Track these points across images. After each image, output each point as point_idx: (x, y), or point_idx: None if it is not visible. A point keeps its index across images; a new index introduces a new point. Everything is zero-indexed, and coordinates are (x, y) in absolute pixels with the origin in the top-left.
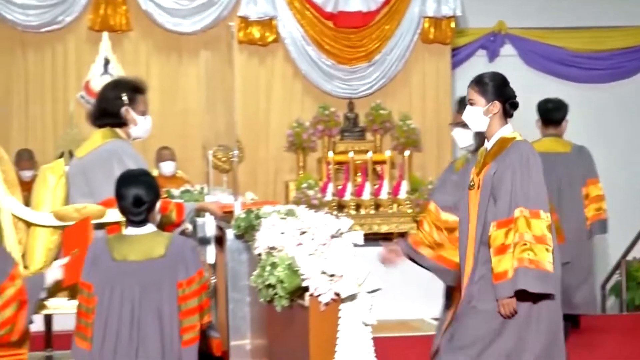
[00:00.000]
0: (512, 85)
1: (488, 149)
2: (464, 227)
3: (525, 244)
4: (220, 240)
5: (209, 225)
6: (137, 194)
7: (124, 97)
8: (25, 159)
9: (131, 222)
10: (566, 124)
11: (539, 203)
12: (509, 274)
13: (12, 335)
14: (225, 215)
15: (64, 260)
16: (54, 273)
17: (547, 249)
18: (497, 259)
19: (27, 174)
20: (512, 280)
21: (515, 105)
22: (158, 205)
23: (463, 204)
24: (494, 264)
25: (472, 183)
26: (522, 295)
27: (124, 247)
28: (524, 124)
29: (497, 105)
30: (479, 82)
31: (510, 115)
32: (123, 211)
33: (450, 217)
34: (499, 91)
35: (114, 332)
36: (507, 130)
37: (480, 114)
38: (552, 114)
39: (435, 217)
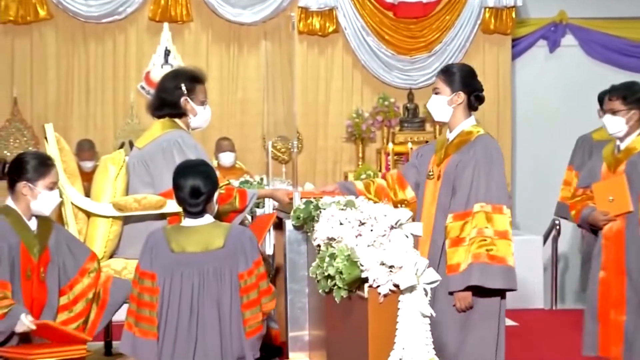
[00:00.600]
0: (572, 75)
1: (449, 139)
2: (418, 217)
3: (484, 240)
4: (279, 231)
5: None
6: (195, 185)
7: (183, 87)
8: (85, 150)
9: (188, 213)
10: None
11: (501, 199)
12: (460, 267)
13: (84, 330)
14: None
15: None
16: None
17: (509, 244)
18: (451, 250)
19: (87, 165)
20: (463, 275)
21: (480, 99)
22: (216, 196)
23: (419, 194)
24: (448, 256)
25: (430, 173)
26: (482, 290)
27: (182, 239)
28: (589, 115)
29: (461, 96)
30: (446, 72)
31: (475, 109)
32: (180, 202)
33: (409, 193)
34: (465, 82)
35: (174, 323)
36: (470, 123)
37: (444, 104)
38: None
39: (392, 185)
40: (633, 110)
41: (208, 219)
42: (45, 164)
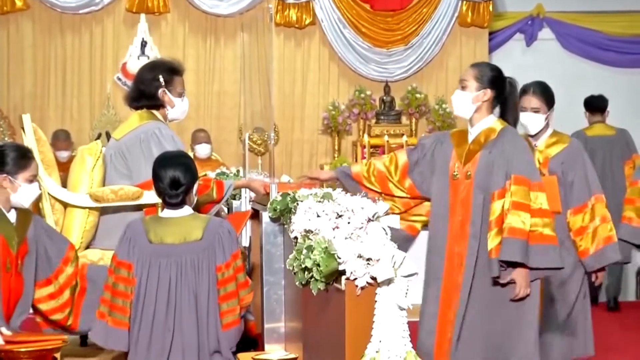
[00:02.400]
0: (549, 69)
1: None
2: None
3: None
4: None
5: (243, 207)
6: (175, 176)
7: (161, 79)
8: (61, 140)
9: (167, 204)
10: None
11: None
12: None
13: (69, 320)
14: (268, 196)
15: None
16: None
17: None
18: (579, 238)
19: (63, 155)
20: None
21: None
22: (196, 187)
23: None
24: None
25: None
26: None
27: (160, 230)
28: (566, 108)
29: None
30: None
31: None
32: (159, 193)
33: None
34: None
35: (151, 314)
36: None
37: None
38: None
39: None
40: None
41: (187, 210)
42: (25, 156)
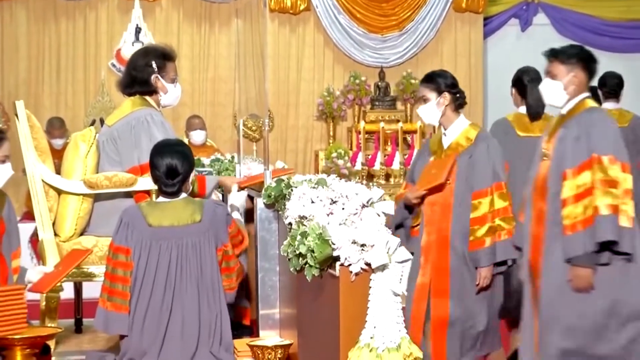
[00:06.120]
0: (544, 54)
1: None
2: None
3: None
4: (250, 210)
5: (238, 195)
6: (172, 165)
7: (154, 65)
8: (56, 127)
9: (164, 193)
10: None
11: None
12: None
13: None
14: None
15: (48, 269)
16: (33, 275)
17: None
18: None
19: (58, 142)
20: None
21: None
22: (192, 176)
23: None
24: None
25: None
26: None
27: (158, 213)
28: None
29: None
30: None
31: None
32: (156, 181)
33: None
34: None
35: (147, 296)
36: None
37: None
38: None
39: None
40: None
41: (182, 195)
42: None
